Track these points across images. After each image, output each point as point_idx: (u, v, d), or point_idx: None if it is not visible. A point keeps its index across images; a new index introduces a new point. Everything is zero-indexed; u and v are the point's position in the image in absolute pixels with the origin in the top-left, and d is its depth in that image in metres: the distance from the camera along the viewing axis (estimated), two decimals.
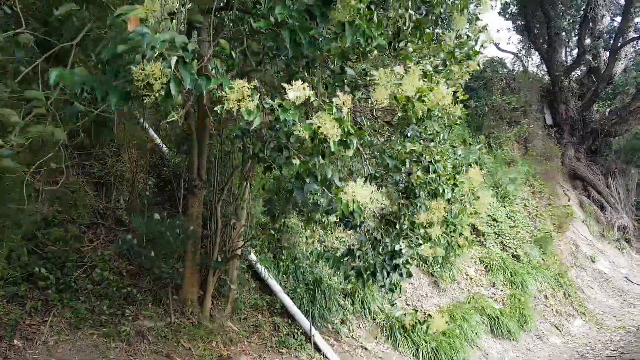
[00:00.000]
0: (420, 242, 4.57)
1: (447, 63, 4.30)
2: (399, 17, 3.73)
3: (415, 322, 4.52)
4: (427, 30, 4.10)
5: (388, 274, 4.57)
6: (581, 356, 9.06)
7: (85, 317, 4.94)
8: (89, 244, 5.78)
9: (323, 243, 8.37)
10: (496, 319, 9.00)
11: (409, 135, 4.10)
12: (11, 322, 4.43)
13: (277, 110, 2.71)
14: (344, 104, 2.71)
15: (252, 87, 2.65)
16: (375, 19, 3.23)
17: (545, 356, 8.92)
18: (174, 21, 2.71)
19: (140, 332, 5.19)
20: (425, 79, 3.42)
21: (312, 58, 3.46)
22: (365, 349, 7.16)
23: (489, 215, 11.59)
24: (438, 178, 4.30)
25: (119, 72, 2.54)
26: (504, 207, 12.37)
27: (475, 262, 10.41)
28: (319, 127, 2.69)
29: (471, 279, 9.95)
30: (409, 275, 4.70)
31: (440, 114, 4.03)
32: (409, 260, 4.63)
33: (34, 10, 3.99)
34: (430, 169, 4.28)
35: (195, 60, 2.64)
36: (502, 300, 9.80)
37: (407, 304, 8.51)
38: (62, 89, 2.74)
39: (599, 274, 13.39)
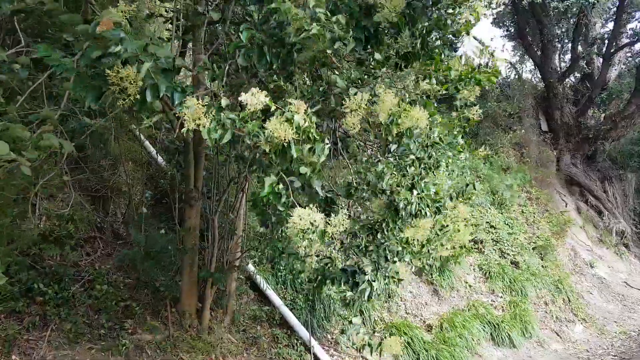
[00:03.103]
0: (396, 259, 4.37)
1: (459, 88, 4.17)
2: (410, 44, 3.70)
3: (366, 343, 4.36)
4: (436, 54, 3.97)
5: (352, 286, 4.42)
6: None
7: (83, 332, 4.93)
8: (86, 257, 5.77)
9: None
10: (496, 327, 8.96)
11: (392, 150, 3.99)
12: (9, 338, 4.42)
13: (237, 122, 2.65)
14: (297, 110, 2.64)
15: (206, 103, 2.59)
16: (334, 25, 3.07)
17: None
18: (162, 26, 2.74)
19: (139, 346, 5.16)
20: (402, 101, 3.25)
21: (291, 70, 3.40)
22: (366, 359, 7.12)
23: (487, 222, 11.60)
24: (420, 200, 4.14)
25: (97, 74, 2.55)
26: (501, 213, 12.37)
27: (474, 269, 10.39)
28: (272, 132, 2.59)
29: (470, 286, 9.92)
30: (370, 296, 4.51)
31: (422, 135, 3.86)
32: (371, 281, 4.40)
33: (27, 26, 4.01)
34: (417, 189, 4.13)
35: (176, 69, 2.65)
36: (502, 307, 9.77)
37: (406, 312, 8.49)
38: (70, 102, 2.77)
39: (598, 280, 13.38)
